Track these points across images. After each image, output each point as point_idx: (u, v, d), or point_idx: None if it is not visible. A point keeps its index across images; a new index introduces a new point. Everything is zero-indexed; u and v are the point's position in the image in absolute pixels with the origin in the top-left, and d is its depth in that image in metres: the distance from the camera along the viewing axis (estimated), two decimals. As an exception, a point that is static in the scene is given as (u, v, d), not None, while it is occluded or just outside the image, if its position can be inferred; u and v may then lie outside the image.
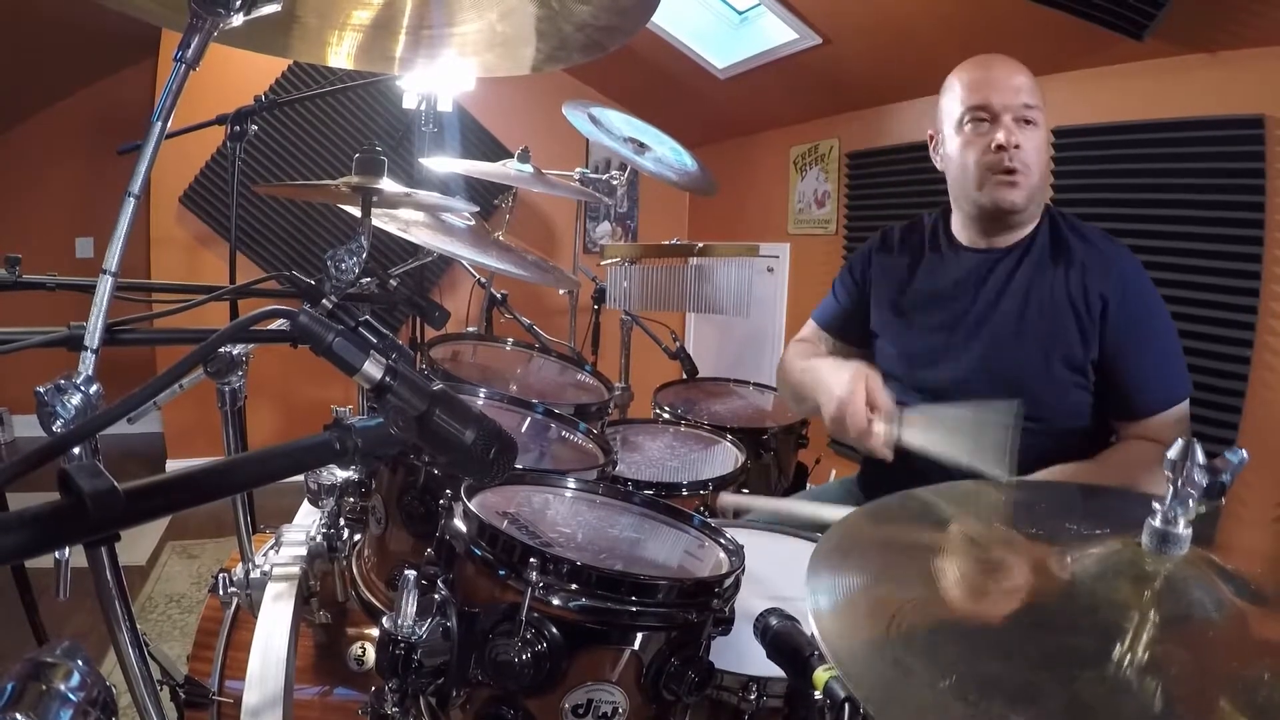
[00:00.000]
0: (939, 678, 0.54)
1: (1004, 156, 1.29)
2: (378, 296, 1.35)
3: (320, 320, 0.60)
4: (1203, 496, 0.63)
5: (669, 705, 0.85)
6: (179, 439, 3.96)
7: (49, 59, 3.69)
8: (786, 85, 3.30)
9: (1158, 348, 1.31)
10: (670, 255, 2.42)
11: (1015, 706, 0.52)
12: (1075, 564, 0.68)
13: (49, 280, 1.01)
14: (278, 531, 1.30)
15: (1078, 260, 1.33)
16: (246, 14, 0.77)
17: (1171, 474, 0.64)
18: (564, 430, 1.36)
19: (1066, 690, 0.54)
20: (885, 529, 0.83)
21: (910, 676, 0.55)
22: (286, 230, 3.89)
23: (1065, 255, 1.34)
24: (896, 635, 0.60)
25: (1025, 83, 1.31)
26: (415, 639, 0.80)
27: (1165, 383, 1.31)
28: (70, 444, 0.64)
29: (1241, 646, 0.60)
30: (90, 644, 1.20)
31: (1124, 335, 1.29)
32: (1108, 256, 1.33)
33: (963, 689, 0.53)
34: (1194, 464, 0.63)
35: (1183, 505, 0.64)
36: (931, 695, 0.53)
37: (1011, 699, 0.53)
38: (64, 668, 0.49)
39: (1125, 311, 1.29)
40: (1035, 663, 0.57)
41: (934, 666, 0.56)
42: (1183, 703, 0.54)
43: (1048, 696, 0.54)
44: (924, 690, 0.54)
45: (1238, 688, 0.54)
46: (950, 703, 0.52)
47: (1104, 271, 1.31)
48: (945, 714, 0.52)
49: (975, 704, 0.52)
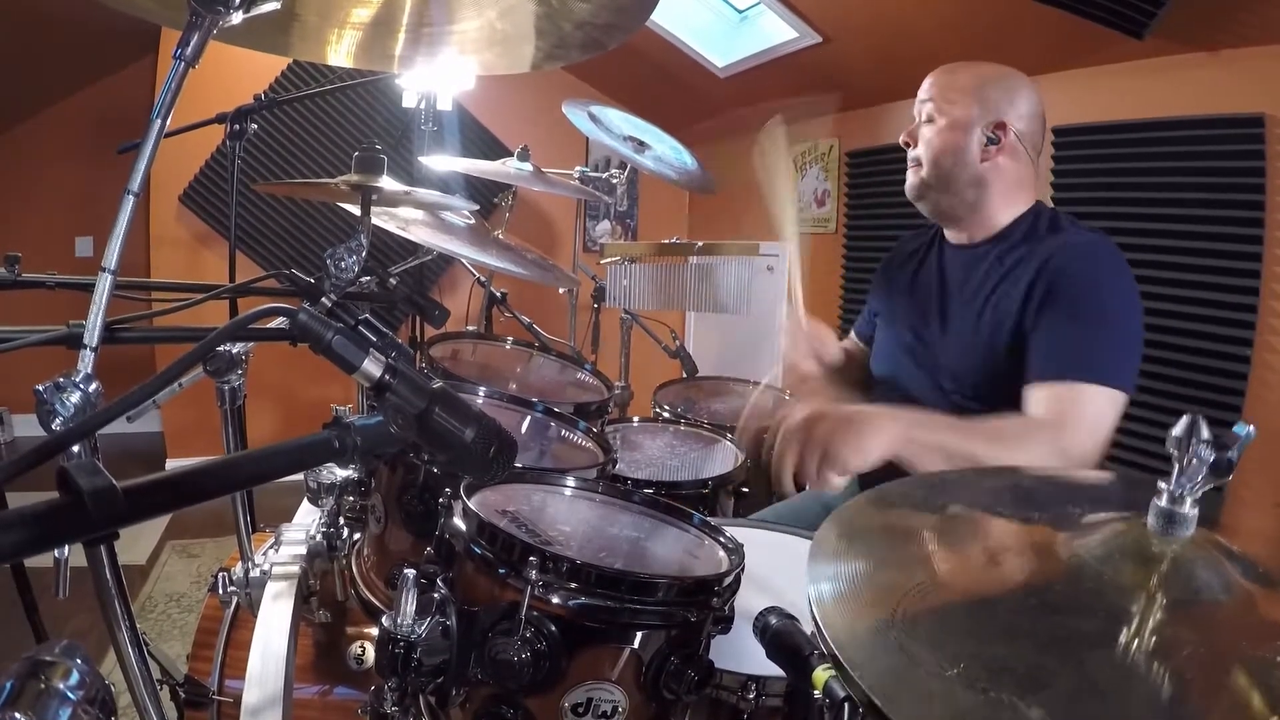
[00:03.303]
0: (946, 665, 0.54)
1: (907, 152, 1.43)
2: (377, 295, 1.35)
3: (319, 318, 0.60)
4: (1210, 474, 0.61)
5: (669, 704, 0.85)
6: (178, 438, 3.96)
7: (49, 58, 3.68)
8: (786, 84, 3.30)
9: (1074, 323, 1.23)
10: (670, 254, 2.42)
11: (1024, 692, 0.51)
12: (1080, 546, 0.67)
13: (48, 279, 1.01)
14: (277, 530, 1.30)
15: (1041, 252, 1.30)
16: (246, 12, 0.77)
17: (1176, 451, 0.62)
18: (564, 429, 1.36)
19: (1074, 674, 0.54)
20: (887, 515, 0.83)
21: (916, 664, 0.55)
22: (286, 229, 3.89)
23: (1034, 249, 1.32)
24: (901, 622, 0.59)
25: (931, 81, 1.41)
26: (415, 638, 0.80)
27: (1061, 353, 1.21)
28: (69, 442, 0.64)
29: (1250, 628, 0.59)
30: (90, 643, 1.20)
31: (1043, 306, 1.25)
32: (1065, 244, 1.30)
33: (970, 676, 0.53)
34: (1199, 440, 0.61)
35: (1190, 483, 0.62)
36: (939, 684, 0.53)
37: (1020, 684, 0.52)
38: (63, 666, 0.49)
39: (1053, 285, 1.25)
40: (1042, 647, 0.57)
41: (940, 654, 0.55)
42: (1192, 685, 0.54)
43: (1056, 681, 0.53)
44: (931, 679, 0.53)
45: (1248, 669, 0.54)
46: (958, 690, 0.52)
47: (1045, 257, 1.28)
48: (953, 702, 0.51)
49: (983, 691, 0.51)
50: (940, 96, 1.38)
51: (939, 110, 1.38)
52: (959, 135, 1.36)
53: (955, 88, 1.38)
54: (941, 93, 1.39)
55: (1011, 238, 1.37)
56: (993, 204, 1.38)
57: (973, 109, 1.35)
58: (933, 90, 1.40)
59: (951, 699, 0.51)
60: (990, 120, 1.34)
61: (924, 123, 1.40)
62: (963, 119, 1.36)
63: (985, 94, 1.36)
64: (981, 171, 1.36)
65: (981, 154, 1.35)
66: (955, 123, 1.36)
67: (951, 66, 1.42)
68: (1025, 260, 1.31)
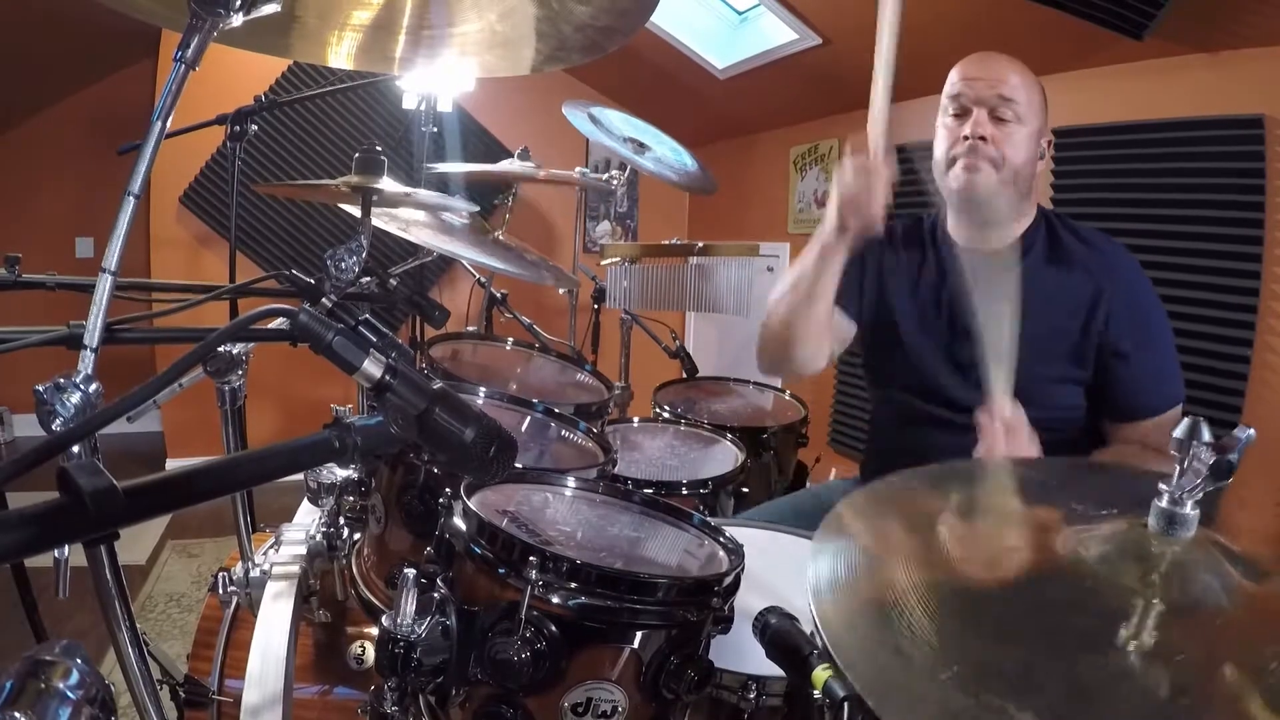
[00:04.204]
0: (940, 667, 0.54)
1: (970, 146, 1.32)
2: (377, 296, 1.35)
3: (320, 319, 0.60)
4: (1210, 476, 0.62)
5: (668, 704, 0.85)
6: (179, 438, 3.96)
7: (49, 59, 3.69)
8: (786, 85, 3.30)
9: (1156, 351, 1.32)
10: (670, 255, 2.42)
11: (1018, 695, 0.51)
12: (1080, 545, 0.67)
13: (49, 279, 1.01)
14: (277, 530, 1.30)
15: (1077, 262, 1.34)
16: (246, 14, 0.77)
17: (1178, 453, 0.63)
18: (564, 429, 1.36)
19: (1068, 676, 0.54)
20: (887, 511, 0.83)
21: (910, 666, 0.55)
22: (286, 230, 3.89)
23: (1064, 257, 1.35)
24: (898, 622, 0.59)
25: (1012, 79, 1.32)
26: (415, 638, 0.80)
27: (1161, 386, 1.31)
28: (70, 442, 0.64)
29: (1250, 630, 0.59)
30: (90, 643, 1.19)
31: (1123, 337, 1.30)
32: (1108, 257, 1.34)
33: (964, 680, 0.53)
34: (1201, 443, 0.62)
35: (1190, 485, 0.63)
36: (933, 687, 0.53)
37: (1014, 687, 0.53)
38: (63, 666, 0.49)
39: (1125, 313, 1.30)
40: (1038, 647, 0.57)
41: (935, 655, 0.55)
42: (1189, 688, 0.54)
43: (1050, 682, 0.53)
44: (924, 682, 0.53)
45: (1246, 671, 0.54)
46: (950, 694, 0.52)
47: (1105, 273, 1.31)
48: (945, 706, 0.51)
49: (976, 695, 0.52)
50: (1026, 100, 1.33)
51: (1025, 114, 1.33)
52: (1035, 144, 1.36)
53: (1034, 92, 1.35)
54: (1027, 96, 1.33)
55: (1035, 247, 1.38)
56: (1024, 212, 1.40)
57: (1042, 118, 1.36)
58: (1018, 92, 1.32)
59: (943, 702, 0.52)
60: (1048, 134, 1.37)
61: (1003, 120, 1.32)
62: (1038, 129, 1.35)
63: (1045, 104, 1.37)
64: (1034, 182, 1.38)
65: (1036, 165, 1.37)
66: (1037, 131, 1.35)
67: (998, 57, 1.36)
68: (1063, 267, 1.34)
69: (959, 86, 1.35)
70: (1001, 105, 1.32)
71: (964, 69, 1.37)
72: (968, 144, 1.32)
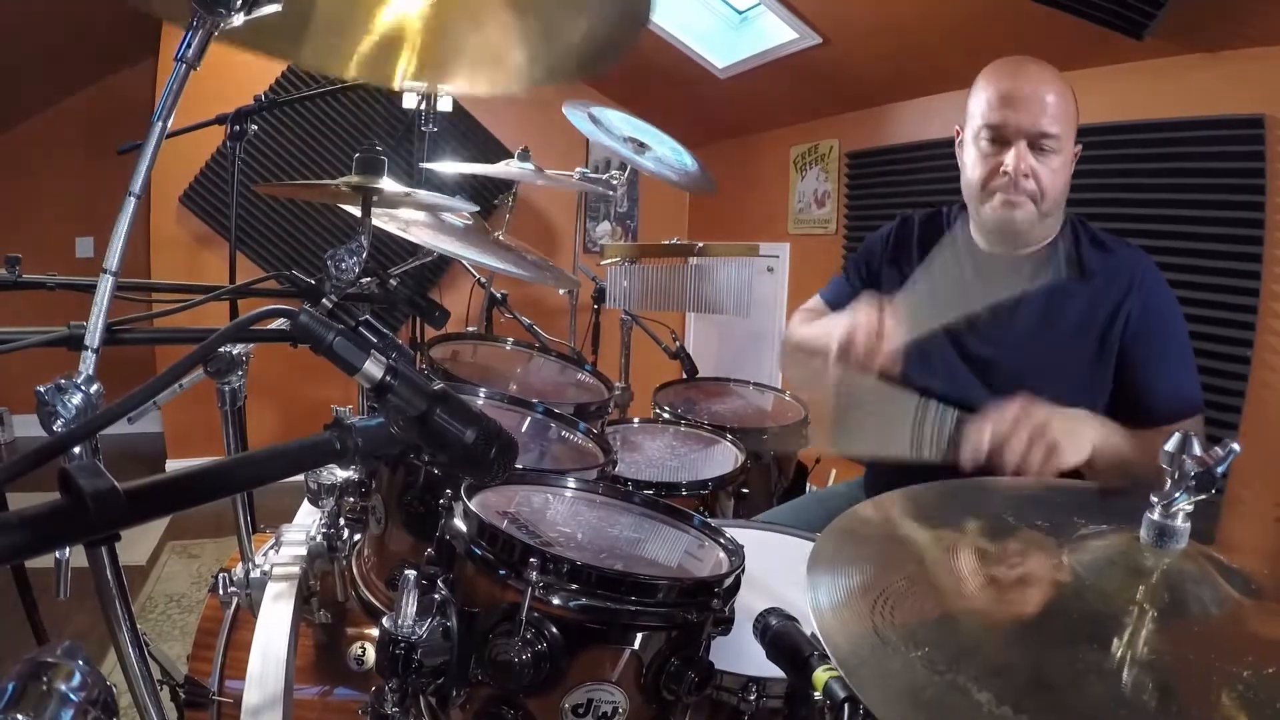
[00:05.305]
0: (936, 677, 0.54)
1: (1010, 182, 1.28)
2: (378, 296, 1.35)
3: (320, 320, 0.60)
4: (1195, 488, 0.63)
5: (669, 705, 0.85)
6: (179, 439, 3.96)
7: (49, 58, 3.69)
8: (786, 85, 3.30)
9: (1175, 358, 1.31)
10: (670, 255, 2.42)
11: (1013, 707, 0.51)
12: (1073, 558, 0.68)
13: (49, 280, 1.01)
14: (278, 531, 1.30)
15: (1098, 272, 1.33)
16: (247, 14, 0.77)
17: (1169, 466, 0.64)
18: (564, 430, 1.36)
19: (1063, 688, 0.54)
20: (887, 524, 0.83)
21: (909, 676, 0.55)
22: (286, 230, 3.89)
23: (1085, 266, 1.34)
24: (897, 635, 0.59)
25: (1050, 101, 1.26)
26: (415, 639, 0.80)
27: (1180, 393, 1.30)
28: (70, 443, 0.64)
29: (1240, 642, 0.60)
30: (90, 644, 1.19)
31: (1143, 345, 1.29)
32: (1127, 266, 1.33)
33: (958, 687, 0.53)
34: (1190, 455, 0.63)
35: (1174, 496, 0.64)
36: (930, 693, 0.53)
37: (1007, 697, 0.53)
38: (64, 668, 0.49)
39: (1145, 322, 1.29)
40: (1032, 660, 0.57)
41: (932, 667, 0.56)
42: (1179, 700, 0.54)
43: (1044, 695, 0.54)
44: (922, 690, 0.54)
45: (1235, 684, 0.54)
46: (947, 696, 0.52)
47: (1124, 282, 1.31)
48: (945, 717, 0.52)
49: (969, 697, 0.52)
50: (1064, 130, 1.28)
51: (1065, 141, 1.29)
52: (1072, 165, 1.33)
53: (1069, 105, 1.30)
54: (1065, 120, 1.28)
55: (1055, 261, 1.35)
56: (1051, 226, 1.38)
57: (1073, 135, 1.32)
58: (1058, 121, 1.27)
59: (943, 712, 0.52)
60: (1078, 144, 1.33)
61: (1043, 152, 1.28)
62: (1071, 152, 1.32)
63: (1077, 113, 1.32)
64: (1064, 194, 1.36)
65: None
66: (1071, 157, 1.32)
67: (1037, 72, 1.30)
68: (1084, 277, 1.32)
69: (999, 115, 1.28)
70: (1043, 140, 1.27)
71: (999, 87, 1.29)
72: (1007, 179, 1.28)
